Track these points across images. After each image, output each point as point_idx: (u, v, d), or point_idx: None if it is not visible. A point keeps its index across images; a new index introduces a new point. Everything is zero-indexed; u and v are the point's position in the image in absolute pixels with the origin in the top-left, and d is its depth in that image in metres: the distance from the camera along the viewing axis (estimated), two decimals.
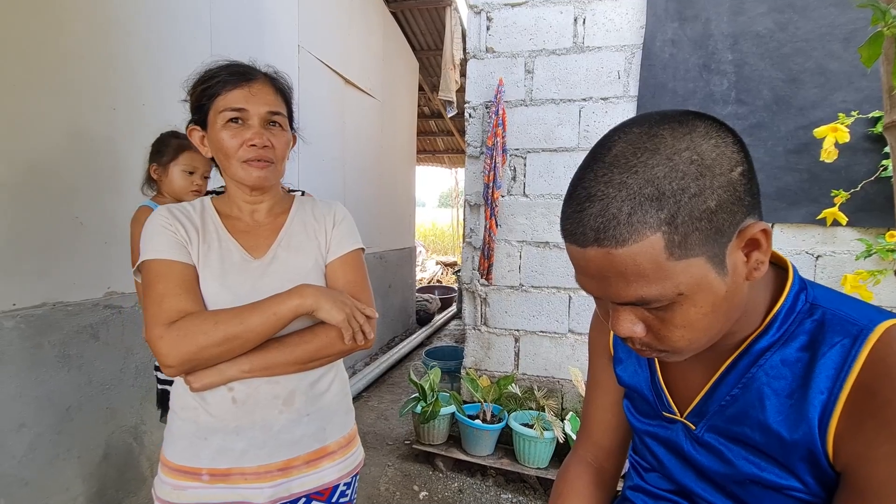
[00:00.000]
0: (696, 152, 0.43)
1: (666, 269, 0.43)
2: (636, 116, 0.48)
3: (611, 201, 0.43)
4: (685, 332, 0.48)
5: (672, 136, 0.44)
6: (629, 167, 0.43)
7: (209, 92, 0.82)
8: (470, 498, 2.18)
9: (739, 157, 0.45)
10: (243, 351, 0.78)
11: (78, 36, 1.64)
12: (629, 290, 0.45)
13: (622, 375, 0.69)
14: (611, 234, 0.43)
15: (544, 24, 2.35)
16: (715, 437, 0.56)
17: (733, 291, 0.47)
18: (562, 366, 2.47)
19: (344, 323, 0.78)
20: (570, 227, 0.46)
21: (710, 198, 0.43)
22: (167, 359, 0.74)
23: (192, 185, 1.36)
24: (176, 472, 0.83)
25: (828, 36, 1.96)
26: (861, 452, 0.45)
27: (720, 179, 0.43)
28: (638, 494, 0.69)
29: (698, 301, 0.46)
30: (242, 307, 0.77)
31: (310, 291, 0.79)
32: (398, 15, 4.68)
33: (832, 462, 0.48)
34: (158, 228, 0.82)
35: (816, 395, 0.48)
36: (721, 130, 0.46)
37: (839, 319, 0.50)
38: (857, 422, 0.45)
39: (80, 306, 1.66)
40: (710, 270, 0.45)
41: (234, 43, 2.37)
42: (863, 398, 0.45)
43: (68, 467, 1.64)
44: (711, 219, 0.43)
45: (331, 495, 0.91)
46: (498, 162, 2.29)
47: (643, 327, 0.49)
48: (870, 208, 1.92)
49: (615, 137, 0.46)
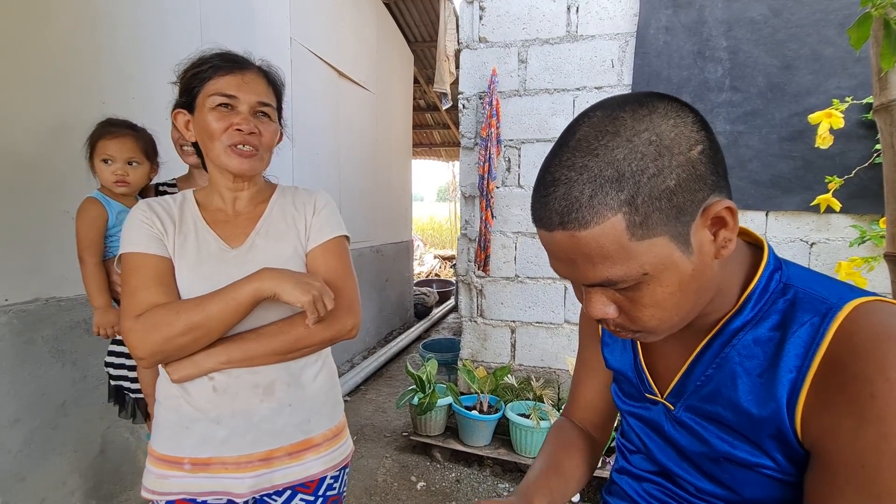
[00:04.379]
0: (655, 133, 0.44)
1: (629, 249, 0.44)
2: (602, 100, 0.48)
3: (573, 185, 0.44)
4: (654, 311, 0.48)
5: (632, 118, 0.44)
6: (591, 150, 0.44)
7: (201, 76, 0.81)
8: (467, 488, 2.19)
9: (699, 136, 0.45)
10: (210, 339, 0.77)
11: (66, 29, 1.62)
12: (595, 272, 0.46)
13: (609, 358, 0.70)
14: (574, 216, 0.44)
15: (537, 13, 2.33)
16: (690, 417, 0.57)
17: (701, 270, 0.47)
18: (558, 356, 2.48)
19: (309, 304, 0.74)
20: (538, 212, 0.47)
21: (668, 177, 0.43)
22: (137, 351, 0.74)
23: (113, 174, 1.29)
24: (160, 462, 0.83)
25: (822, 22, 1.94)
26: (828, 428, 0.45)
27: (679, 159, 0.43)
28: (623, 477, 0.70)
29: (664, 280, 0.46)
30: (204, 296, 0.76)
31: (269, 274, 0.76)
32: (391, 6, 4.64)
33: (801, 440, 0.48)
34: (136, 222, 0.82)
35: (785, 373, 0.48)
36: (681, 110, 0.46)
37: (810, 298, 0.50)
38: (823, 398, 0.45)
39: (72, 301, 1.66)
40: (674, 250, 0.45)
41: (224, 36, 2.35)
42: (830, 374, 0.45)
43: (64, 462, 1.65)
44: (671, 198, 0.43)
45: (317, 488, 0.90)
46: (493, 153, 2.28)
47: (615, 308, 0.50)
48: (864, 195, 1.92)
49: (580, 122, 0.47)
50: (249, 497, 0.84)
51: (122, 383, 1.41)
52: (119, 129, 1.31)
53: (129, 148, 1.29)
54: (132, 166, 1.31)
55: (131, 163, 1.31)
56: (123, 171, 1.29)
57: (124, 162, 1.29)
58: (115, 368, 1.41)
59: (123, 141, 1.29)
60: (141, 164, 1.33)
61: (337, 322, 0.84)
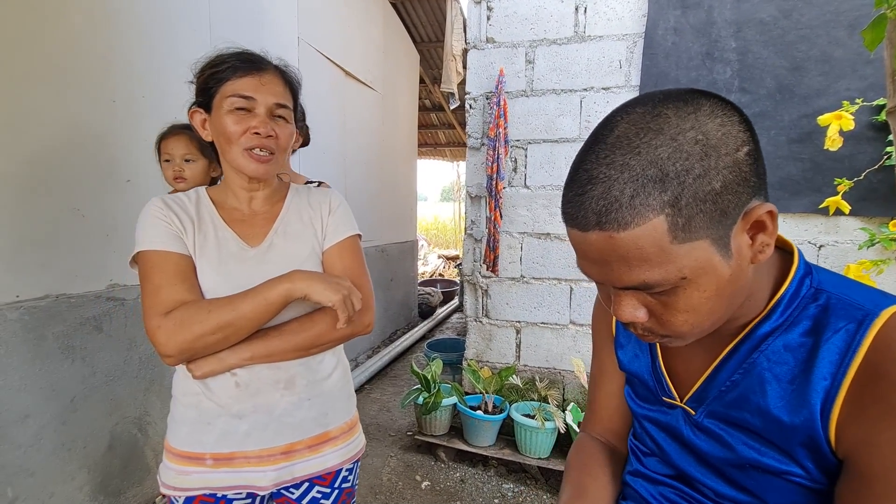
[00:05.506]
0: (701, 132, 0.42)
1: (669, 252, 0.42)
2: (639, 96, 0.46)
3: (613, 183, 0.42)
4: (688, 316, 0.47)
5: (676, 116, 0.42)
6: (632, 148, 0.42)
7: (218, 76, 0.81)
8: (472, 488, 2.19)
9: (746, 137, 0.43)
10: (239, 338, 0.78)
11: (77, 28, 1.64)
12: (632, 275, 0.44)
13: (623, 360, 0.69)
14: (612, 217, 0.42)
15: (545, 14, 2.33)
16: (714, 423, 0.56)
17: (737, 275, 0.46)
18: (563, 357, 2.47)
19: (340, 303, 0.77)
20: (571, 211, 0.45)
21: (714, 179, 0.41)
22: (165, 348, 0.74)
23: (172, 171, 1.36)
24: (180, 458, 0.83)
25: (832, 23, 1.93)
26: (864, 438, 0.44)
27: (725, 160, 0.42)
28: (637, 479, 0.69)
29: (702, 285, 0.44)
30: (235, 295, 0.77)
31: (300, 276, 0.79)
32: (398, 6, 4.65)
33: (834, 449, 0.47)
34: (152, 219, 0.82)
35: (819, 380, 0.47)
36: (727, 109, 0.44)
37: (844, 304, 0.48)
38: (860, 407, 0.44)
39: (82, 298, 1.67)
40: (714, 253, 0.43)
41: (233, 35, 2.36)
42: (867, 383, 0.44)
43: (73, 457, 1.66)
44: (716, 200, 0.42)
45: (333, 480, 0.92)
46: (501, 153, 2.28)
47: (645, 312, 0.48)
48: (873, 197, 1.91)
49: (618, 118, 0.45)
50: (270, 490, 0.85)
51: None
52: (175, 130, 1.38)
53: (183, 145, 1.36)
54: (188, 163, 1.38)
55: (187, 160, 1.37)
56: (180, 167, 1.36)
57: (181, 159, 1.36)
58: None
59: (178, 139, 1.36)
60: (196, 160, 1.38)
61: (356, 318, 0.85)
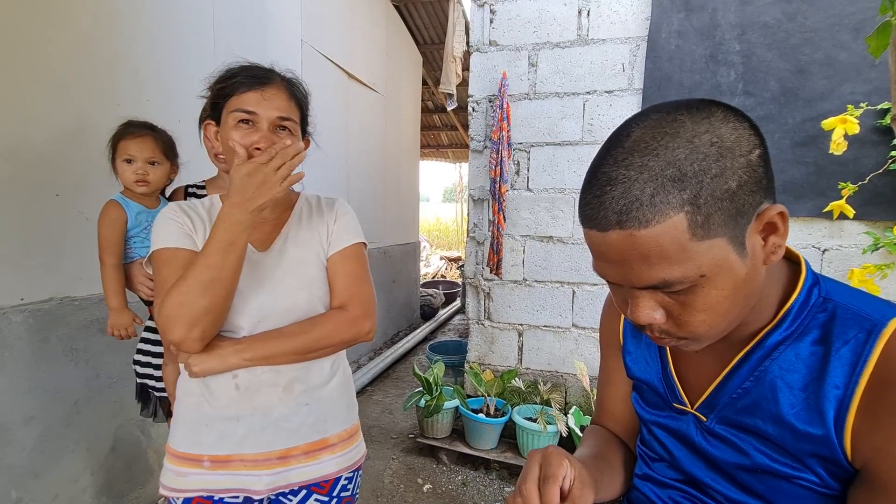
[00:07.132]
0: (716, 135, 0.44)
1: (689, 249, 0.44)
2: (652, 105, 0.49)
3: (633, 183, 0.43)
4: (706, 316, 0.48)
5: (691, 121, 0.45)
6: (650, 150, 0.44)
7: (225, 91, 0.85)
8: (473, 491, 2.19)
9: (756, 140, 0.46)
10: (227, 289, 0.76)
11: (82, 31, 1.65)
12: (651, 273, 0.45)
13: (631, 367, 0.69)
14: (634, 215, 0.43)
15: (548, 17, 2.33)
16: (726, 429, 0.57)
17: (752, 274, 0.47)
18: (565, 360, 2.47)
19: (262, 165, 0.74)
20: (590, 213, 0.46)
21: (731, 178, 0.43)
22: (172, 334, 0.74)
23: (134, 173, 1.30)
24: (179, 459, 0.84)
25: (837, 26, 1.93)
26: (880, 447, 0.45)
27: (740, 161, 0.44)
28: (646, 483, 0.69)
29: (720, 283, 0.46)
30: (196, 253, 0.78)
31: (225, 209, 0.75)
32: (401, 9, 4.66)
33: (850, 458, 0.48)
34: (166, 220, 0.84)
35: (832, 389, 0.48)
36: (737, 115, 0.46)
37: (852, 314, 0.50)
38: (874, 417, 0.46)
39: (86, 301, 1.68)
40: (731, 252, 0.45)
41: (237, 38, 2.37)
42: (880, 393, 0.45)
43: (77, 459, 1.67)
44: (733, 199, 0.43)
45: (332, 488, 0.92)
46: (504, 156, 2.28)
47: (663, 313, 0.49)
48: (877, 201, 1.90)
49: (633, 125, 0.47)
50: (267, 494, 0.86)
51: (147, 381, 1.43)
52: (139, 130, 1.33)
53: (149, 148, 1.32)
54: (152, 166, 1.33)
55: (152, 162, 1.33)
56: (144, 170, 1.31)
57: (145, 161, 1.31)
58: (142, 367, 1.42)
59: (144, 141, 1.31)
60: (161, 163, 1.35)
61: (356, 324, 0.86)
